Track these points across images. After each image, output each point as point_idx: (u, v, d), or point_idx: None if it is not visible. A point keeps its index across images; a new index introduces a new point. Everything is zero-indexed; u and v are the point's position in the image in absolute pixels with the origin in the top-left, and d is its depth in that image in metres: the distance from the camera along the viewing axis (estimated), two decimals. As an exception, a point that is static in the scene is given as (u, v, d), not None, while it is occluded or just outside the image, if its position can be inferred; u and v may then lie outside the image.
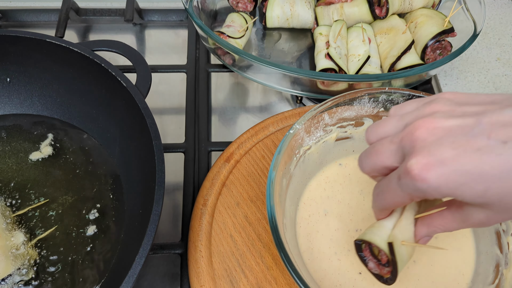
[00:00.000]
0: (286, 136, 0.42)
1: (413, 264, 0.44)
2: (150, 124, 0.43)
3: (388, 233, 0.38)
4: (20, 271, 0.44)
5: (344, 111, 0.46)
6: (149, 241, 0.37)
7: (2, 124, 0.54)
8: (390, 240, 0.37)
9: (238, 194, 0.52)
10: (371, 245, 0.39)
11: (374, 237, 0.38)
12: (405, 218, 0.38)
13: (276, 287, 0.46)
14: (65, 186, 0.50)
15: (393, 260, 0.37)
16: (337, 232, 0.46)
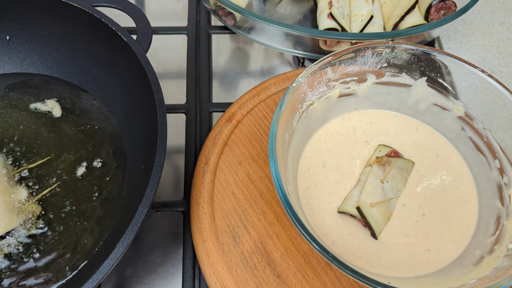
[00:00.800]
0: (289, 89, 0.42)
1: (422, 218, 0.44)
2: (151, 78, 0.43)
3: (356, 200, 0.44)
4: (24, 225, 0.45)
5: (347, 66, 0.45)
6: (152, 191, 0.37)
7: (2, 82, 0.53)
8: (358, 205, 0.43)
9: (240, 153, 0.52)
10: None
11: (346, 207, 0.44)
12: (369, 184, 0.44)
13: (278, 242, 0.47)
14: (66, 144, 0.50)
15: (366, 221, 0.43)
16: (337, 185, 0.46)
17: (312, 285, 0.44)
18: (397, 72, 0.47)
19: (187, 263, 0.48)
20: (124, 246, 0.35)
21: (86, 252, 0.44)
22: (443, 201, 0.45)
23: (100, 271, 0.34)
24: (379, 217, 0.43)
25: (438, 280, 0.39)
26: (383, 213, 0.43)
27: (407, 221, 0.44)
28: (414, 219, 0.44)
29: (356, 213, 0.43)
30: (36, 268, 0.43)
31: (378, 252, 0.43)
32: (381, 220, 0.43)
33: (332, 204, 0.46)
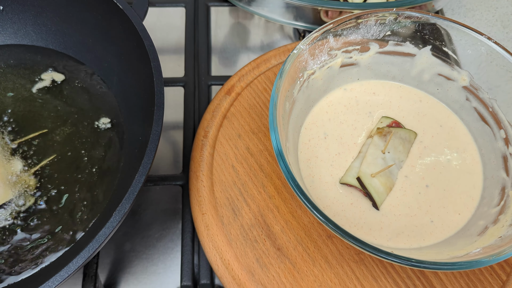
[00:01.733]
0: (290, 56, 0.40)
1: (425, 189, 0.43)
2: (148, 46, 0.42)
3: (357, 171, 0.43)
4: (20, 198, 0.44)
5: (349, 34, 0.44)
6: (149, 160, 0.36)
7: (-5, 54, 0.52)
8: (358, 175, 0.43)
9: (239, 126, 0.51)
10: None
11: (347, 178, 0.44)
12: (370, 155, 0.44)
13: (278, 215, 0.46)
14: (62, 117, 0.49)
15: (367, 192, 0.43)
16: (338, 157, 0.45)
17: (313, 258, 0.44)
18: (400, 41, 0.45)
19: (186, 237, 0.47)
20: (121, 215, 0.34)
21: (83, 224, 0.43)
22: (447, 172, 0.44)
23: (96, 240, 0.33)
24: (380, 188, 0.42)
25: (441, 250, 0.38)
26: (385, 184, 0.42)
27: (409, 192, 0.43)
28: (417, 190, 0.43)
29: (357, 184, 0.43)
30: (30, 241, 0.42)
31: (380, 223, 0.42)
32: (383, 191, 0.42)
33: (333, 176, 0.45)
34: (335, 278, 0.43)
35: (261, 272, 0.43)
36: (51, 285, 0.31)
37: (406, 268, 0.43)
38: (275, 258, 0.44)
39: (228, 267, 0.43)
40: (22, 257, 0.41)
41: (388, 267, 0.43)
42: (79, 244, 0.41)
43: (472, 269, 0.43)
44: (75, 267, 0.32)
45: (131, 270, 0.50)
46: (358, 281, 0.43)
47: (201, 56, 0.59)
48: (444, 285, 0.42)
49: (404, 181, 0.44)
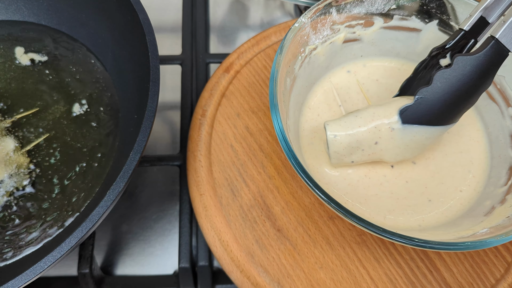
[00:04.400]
0: (291, 30, 0.39)
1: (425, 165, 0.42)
2: (143, 20, 0.40)
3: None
4: (12, 177, 0.43)
5: (353, 8, 0.42)
6: (144, 137, 0.35)
7: (-14, 31, 0.50)
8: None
9: (238, 105, 0.50)
10: None
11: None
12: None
13: (278, 195, 0.45)
14: (55, 95, 0.48)
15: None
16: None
17: (314, 239, 0.43)
18: (406, 15, 0.44)
19: (183, 218, 0.46)
20: (115, 194, 0.33)
21: (78, 205, 0.42)
22: (447, 149, 0.43)
23: (90, 220, 0.32)
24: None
25: (447, 231, 0.37)
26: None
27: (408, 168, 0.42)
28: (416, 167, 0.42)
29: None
30: (24, 221, 0.41)
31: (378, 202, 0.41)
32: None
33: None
34: (337, 259, 0.42)
35: (261, 254, 0.42)
36: (43, 265, 0.30)
37: (409, 250, 0.42)
38: (275, 240, 0.43)
39: (227, 249, 0.42)
40: (15, 239, 0.40)
41: (390, 249, 0.42)
42: (73, 225, 0.40)
43: (477, 251, 0.42)
44: (68, 247, 0.31)
45: (128, 252, 0.49)
46: (360, 263, 0.42)
47: (199, 33, 0.57)
48: (447, 267, 0.41)
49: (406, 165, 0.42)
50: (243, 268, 0.41)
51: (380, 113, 0.38)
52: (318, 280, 0.41)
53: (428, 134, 0.38)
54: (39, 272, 0.30)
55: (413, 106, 0.36)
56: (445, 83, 0.35)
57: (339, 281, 0.41)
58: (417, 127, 0.37)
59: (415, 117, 0.37)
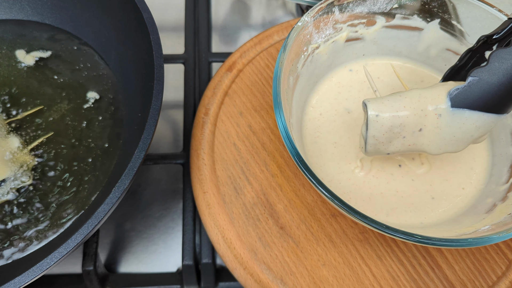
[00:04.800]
0: (294, 29, 0.39)
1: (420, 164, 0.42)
2: (147, 19, 0.40)
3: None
4: (17, 175, 0.43)
5: (355, 7, 0.43)
6: (149, 135, 0.35)
7: (-10, 30, 0.51)
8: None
9: (241, 104, 0.50)
10: None
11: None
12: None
13: (281, 193, 0.45)
14: (59, 93, 0.48)
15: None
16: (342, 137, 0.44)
17: (317, 237, 0.43)
18: (408, 14, 0.44)
19: (187, 216, 0.46)
20: (120, 191, 0.33)
21: (81, 203, 0.42)
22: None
23: (95, 217, 0.32)
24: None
25: (449, 228, 0.37)
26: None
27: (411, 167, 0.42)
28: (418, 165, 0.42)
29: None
30: (30, 219, 0.41)
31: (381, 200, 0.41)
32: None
33: (336, 155, 0.44)
34: (339, 257, 0.42)
35: (264, 251, 0.42)
36: (49, 262, 0.31)
37: (411, 247, 0.43)
38: (278, 237, 0.43)
39: (230, 246, 0.43)
40: (19, 236, 0.40)
41: (393, 246, 0.43)
42: (77, 222, 0.41)
43: (478, 248, 0.42)
44: (74, 244, 0.31)
45: (131, 250, 0.49)
46: (362, 260, 0.42)
47: (202, 32, 0.58)
48: (449, 264, 0.42)
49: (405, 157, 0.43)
50: (246, 266, 0.42)
51: (427, 94, 0.34)
52: (321, 277, 0.41)
53: (480, 122, 0.34)
54: (45, 269, 0.30)
55: (465, 89, 0.32)
56: (504, 63, 0.31)
57: (342, 278, 0.41)
58: (468, 112, 0.33)
59: (467, 101, 0.33)
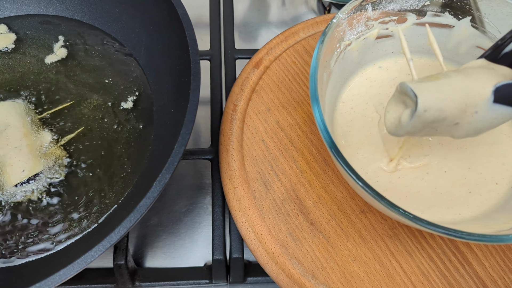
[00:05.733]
0: (329, 26, 0.39)
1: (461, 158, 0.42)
2: (181, 15, 0.41)
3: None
4: (50, 169, 0.43)
5: (388, 4, 0.43)
6: (188, 130, 0.35)
7: (20, 25, 0.51)
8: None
9: (268, 100, 0.50)
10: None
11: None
12: None
13: (310, 189, 0.45)
14: (89, 88, 0.48)
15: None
16: (372, 136, 0.44)
17: (347, 233, 0.43)
18: (439, 11, 0.44)
19: (216, 211, 0.47)
20: (162, 185, 0.33)
21: (114, 197, 0.42)
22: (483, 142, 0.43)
23: (137, 210, 0.33)
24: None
25: (484, 224, 0.38)
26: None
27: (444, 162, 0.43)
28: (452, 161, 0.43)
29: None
30: (64, 213, 0.42)
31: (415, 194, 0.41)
32: None
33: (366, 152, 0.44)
34: (369, 252, 0.42)
35: (295, 246, 0.43)
36: (94, 254, 0.31)
37: (441, 244, 0.43)
38: (308, 233, 0.43)
39: (261, 241, 0.43)
40: (54, 229, 0.41)
41: (422, 242, 0.43)
42: (111, 217, 0.41)
43: (508, 245, 0.43)
44: (117, 237, 0.32)
45: (158, 244, 0.50)
46: (392, 256, 0.42)
47: (227, 28, 0.58)
48: (479, 261, 0.42)
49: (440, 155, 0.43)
50: (278, 261, 0.42)
51: (473, 87, 0.32)
52: (352, 273, 0.41)
53: (509, 117, 0.33)
54: (89, 261, 0.31)
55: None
56: None
57: (373, 273, 0.42)
58: (507, 109, 0.32)
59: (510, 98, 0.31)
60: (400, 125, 0.35)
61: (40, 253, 0.39)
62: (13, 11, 0.50)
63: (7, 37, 0.50)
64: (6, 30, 0.50)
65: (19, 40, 0.50)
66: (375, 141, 0.44)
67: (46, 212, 0.41)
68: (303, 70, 0.52)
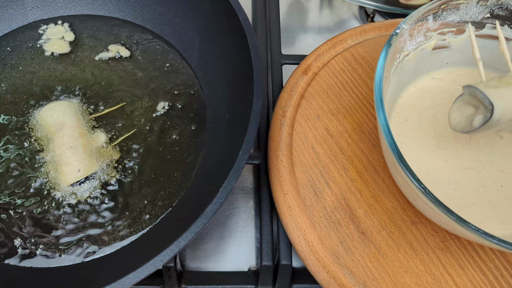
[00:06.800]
0: (394, 37, 0.39)
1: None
2: (243, 21, 0.41)
3: None
4: (104, 170, 0.44)
5: (448, 15, 0.43)
6: (252, 137, 0.36)
7: (73, 24, 0.51)
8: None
9: (318, 107, 0.50)
10: None
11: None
12: None
13: (360, 198, 0.45)
14: (140, 90, 0.48)
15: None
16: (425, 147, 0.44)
17: (398, 244, 0.43)
18: (499, 24, 0.44)
19: (264, 216, 0.47)
20: (227, 191, 0.34)
21: (167, 200, 0.42)
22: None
23: (205, 216, 0.33)
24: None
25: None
26: None
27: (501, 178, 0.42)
28: None
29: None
30: (118, 213, 0.42)
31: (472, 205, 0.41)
32: None
33: (419, 162, 0.44)
34: (421, 264, 0.42)
35: (346, 255, 0.42)
36: (162, 258, 0.31)
37: (492, 258, 0.43)
38: (359, 242, 0.43)
39: (312, 249, 0.43)
40: (110, 228, 0.41)
41: (474, 256, 0.43)
42: (168, 220, 0.41)
43: None
44: (185, 242, 0.32)
45: (202, 247, 0.50)
46: (444, 269, 0.42)
47: (274, 33, 0.58)
48: (533, 277, 0.42)
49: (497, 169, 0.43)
50: (329, 269, 0.42)
51: None
52: (404, 284, 0.41)
53: None
54: (158, 265, 0.31)
55: None
56: None
57: (424, 286, 0.41)
58: None
59: None
60: (469, 126, 0.36)
61: (91, 255, 0.39)
62: (66, 10, 0.51)
63: (67, 36, 0.50)
64: (67, 29, 0.51)
65: (74, 40, 0.51)
66: (429, 153, 0.44)
67: (100, 212, 0.42)
68: (351, 78, 0.52)
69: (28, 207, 0.41)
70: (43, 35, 0.51)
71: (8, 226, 0.40)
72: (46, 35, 0.50)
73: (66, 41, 0.50)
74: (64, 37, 0.50)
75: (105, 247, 0.40)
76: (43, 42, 0.50)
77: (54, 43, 0.50)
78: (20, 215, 0.41)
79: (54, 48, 0.49)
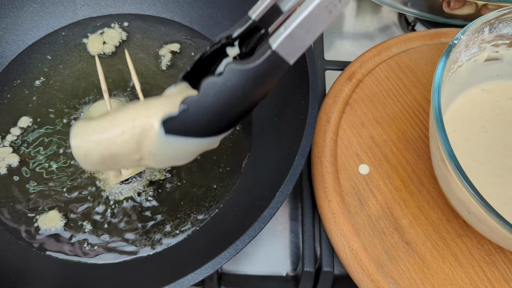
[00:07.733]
0: (452, 48, 0.39)
1: None
2: (298, 26, 0.40)
3: None
4: (151, 170, 0.44)
5: (504, 27, 0.42)
6: (308, 142, 0.35)
7: (120, 24, 0.52)
8: None
9: (362, 114, 0.50)
10: None
11: None
12: None
13: (405, 208, 0.45)
14: (187, 91, 0.49)
15: None
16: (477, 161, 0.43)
17: (443, 255, 0.43)
18: (555, 38, 0.43)
19: (307, 222, 0.46)
20: (284, 196, 0.34)
21: (215, 201, 0.43)
22: None
23: (262, 220, 0.33)
24: None
25: None
26: None
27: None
28: None
29: None
30: (164, 213, 0.42)
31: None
32: None
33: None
34: (466, 277, 0.42)
35: (390, 265, 0.42)
36: (220, 261, 0.31)
37: (539, 274, 0.42)
38: (404, 252, 0.43)
39: (357, 257, 0.43)
40: (156, 230, 0.41)
41: (520, 272, 0.42)
42: (213, 221, 0.41)
43: None
44: (243, 245, 0.32)
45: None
46: (490, 283, 0.42)
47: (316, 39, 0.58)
48: None
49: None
50: (373, 278, 0.42)
51: (140, 115, 0.31)
52: (449, 297, 0.41)
53: (197, 145, 0.33)
54: (217, 267, 0.31)
55: (178, 117, 0.30)
56: (215, 94, 0.30)
57: (470, 299, 0.41)
58: (183, 139, 0.32)
59: (181, 128, 0.31)
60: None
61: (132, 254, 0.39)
62: (115, 9, 0.51)
63: (118, 35, 0.51)
64: (118, 28, 0.51)
65: (120, 39, 0.51)
66: (479, 166, 0.43)
67: (146, 211, 0.42)
68: (396, 86, 0.52)
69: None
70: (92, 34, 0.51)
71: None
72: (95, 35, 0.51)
73: (115, 40, 0.51)
74: (114, 36, 0.50)
75: (156, 245, 0.40)
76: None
77: (105, 40, 0.50)
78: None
79: (100, 47, 0.50)
